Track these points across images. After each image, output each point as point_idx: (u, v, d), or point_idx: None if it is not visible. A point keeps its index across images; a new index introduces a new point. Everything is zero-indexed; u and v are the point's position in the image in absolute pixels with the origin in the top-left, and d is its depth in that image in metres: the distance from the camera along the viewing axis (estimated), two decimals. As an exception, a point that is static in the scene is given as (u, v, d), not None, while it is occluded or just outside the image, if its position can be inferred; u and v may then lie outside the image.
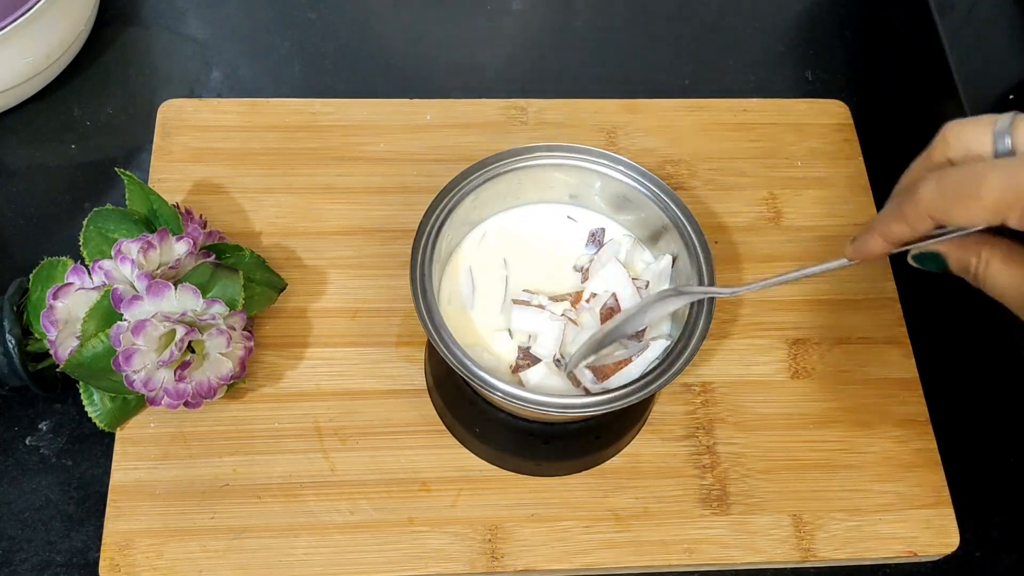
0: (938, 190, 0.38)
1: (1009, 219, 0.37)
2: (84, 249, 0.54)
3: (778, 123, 0.68)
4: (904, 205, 0.40)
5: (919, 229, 0.40)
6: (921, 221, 0.39)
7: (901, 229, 0.41)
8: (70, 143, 0.66)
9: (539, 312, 0.51)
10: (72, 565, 0.53)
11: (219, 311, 0.51)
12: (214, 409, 0.56)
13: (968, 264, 0.41)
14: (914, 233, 0.40)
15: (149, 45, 0.71)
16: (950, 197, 0.38)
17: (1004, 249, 0.40)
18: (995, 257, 0.40)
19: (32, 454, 0.56)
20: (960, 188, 0.38)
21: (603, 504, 0.55)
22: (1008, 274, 0.40)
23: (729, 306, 0.61)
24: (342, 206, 0.62)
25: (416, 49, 0.72)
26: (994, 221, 0.37)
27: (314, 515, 0.53)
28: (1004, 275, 0.40)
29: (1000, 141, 0.40)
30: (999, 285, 0.40)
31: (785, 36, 0.75)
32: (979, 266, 0.40)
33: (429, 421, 0.56)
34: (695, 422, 0.57)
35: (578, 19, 0.75)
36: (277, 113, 0.65)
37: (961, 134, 0.41)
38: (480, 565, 0.53)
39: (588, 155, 0.53)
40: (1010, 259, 0.39)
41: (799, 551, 0.54)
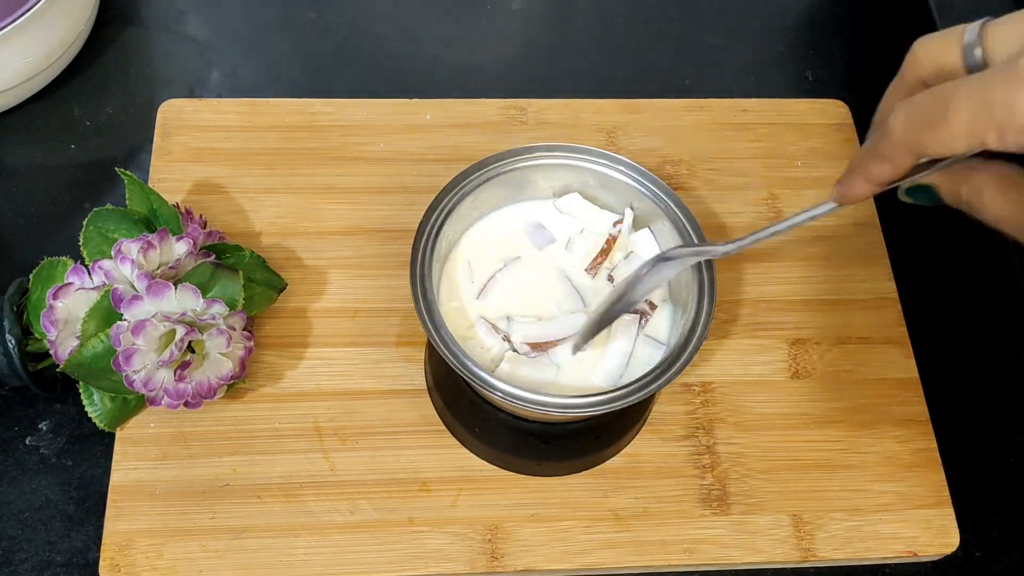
0: (907, 121, 0.35)
1: (987, 141, 0.33)
2: (84, 249, 0.54)
3: (778, 123, 0.68)
4: (879, 142, 0.36)
5: (900, 166, 0.37)
6: (899, 157, 0.36)
7: (881, 168, 0.37)
8: (70, 143, 0.66)
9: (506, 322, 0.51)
10: (72, 565, 0.53)
11: (219, 311, 0.51)
12: (214, 409, 0.56)
13: (959, 194, 0.37)
14: (896, 171, 0.37)
15: (149, 45, 0.71)
16: (920, 127, 0.34)
17: (996, 173, 0.36)
18: (987, 184, 0.36)
19: (32, 454, 0.56)
20: (928, 115, 0.34)
21: (603, 504, 0.55)
22: (1003, 200, 0.36)
23: (729, 306, 0.61)
24: (342, 206, 0.62)
25: (416, 49, 0.72)
26: (972, 146, 0.33)
27: (314, 515, 0.53)
28: (999, 202, 0.36)
29: (970, 54, 0.36)
30: (995, 213, 0.36)
31: (785, 36, 0.75)
32: (971, 195, 0.37)
33: (429, 421, 0.56)
34: (695, 422, 0.57)
35: (578, 19, 0.75)
36: (277, 113, 0.65)
37: (931, 49, 0.38)
38: (480, 565, 0.53)
39: (588, 155, 0.53)
40: (1003, 183, 0.36)
41: (799, 551, 0.54)
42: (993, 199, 0.36)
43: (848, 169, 0.39)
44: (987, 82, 0.33)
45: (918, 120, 0.35)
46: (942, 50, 0.38)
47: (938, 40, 0.38)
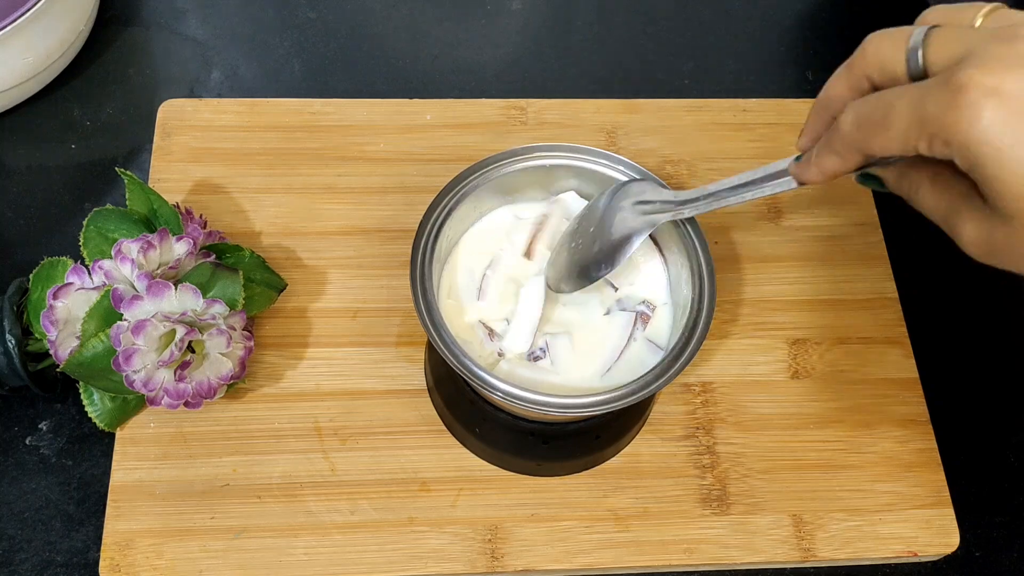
0: (855, 123, 0.38)
1: (919, 149, 0.35)
2: (84, 249, 0.54)
3: (778, 123, 0.68)
4: (832, 139, 0.39)
5: (850, 161, 0.39)
6: (849, 154, 0.39)
7: (833, 162, 0.40)
8: (70, 143, 0.66)
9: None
10: (72, 565, 0.53)
11: (219, 311, 0.51)
12: (214, 409, 0.56)
13: (901, 186, 0.40)
14: (847, 165, 0.39)
15: (149, 45, 0.71)
16: (866, 129, 0.37)
17: (931, 172, 0.39)
18: (923, 181, 0.39)
19: (32, 454, 0.56)
20: (872, 119, 0.37)
21: (603, 504, 0.55)
22: (936, 198, 0.39)
23: (729, 306, 0.61)
24: (342, 206, 0.62)
25: (416, 49, 0.72)
26: (907, 152, 0.36)
27: (314, 515, 0.53)
28: (931, 199, 0.39)
29: (913, 58, 0.38)
30: (927, 207, 0.39)
31: (785, 36, 0.75)
32: (910, 189, 0.40)
33: (429, 421, 0.56)
34: (695, 422, 0.57)
35: (578, 19, 0.75)
36: (277, 113, 0.65)
37: (879, 46, 0.40)
38: (480, 565, 0.53)
39: (588, 155, 0.53)
40: (937, 182, 0.39)
41: (799, 551, 0.54)
42: (926, 195, 0.39)
43: (805, 156, 0.42)
44: (923, 94, 0.35)
45: (864, 122, 0.37)
46: (888, 49, 0.39)
47: (887, 38, 0.40)
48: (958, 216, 0.38)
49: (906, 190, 0.40)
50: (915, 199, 0.40)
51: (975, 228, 0.37)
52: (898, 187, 0.41)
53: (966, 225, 0.38)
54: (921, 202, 0.40)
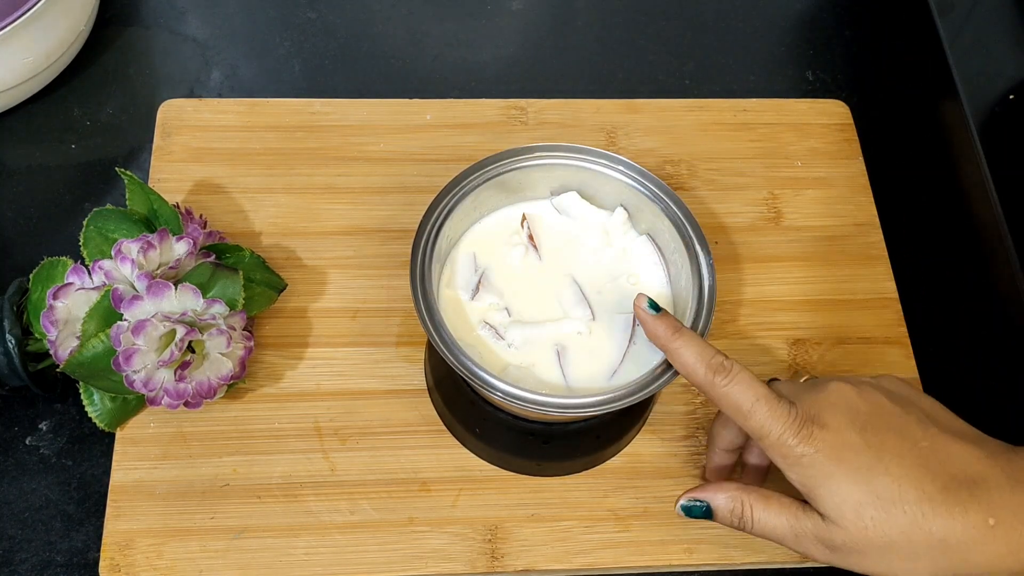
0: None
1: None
2: (84, 249, 0.54)
3: (778, 123, 0.68)
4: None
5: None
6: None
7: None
8: (70, 143, 0.66)
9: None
10: (72, 565, 0.53)
11: (219, 311, 0.51)
12: (214, 409, 0.56)
13: (734, 512, 0.47)
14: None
15: (149, 45, 0.71)
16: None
17: (761, 496, 0.47)
18: (757, 504, 0.47)
19: (32, 454, 0.56)
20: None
21: (603, 504, 0.55)
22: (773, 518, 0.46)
23: (729, 306, 0.61)
24: (342, 206, 0.62)
25: (416, 49, 0.72)
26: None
27: (314, 515, 0.53)
28: (769, 517, 0.46)
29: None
30: (766, 529, 0.47)
31: (785, 36, 0.75)
32: (744, 512, 0.47)
33: (429, 421, 0.56)
34: (695, 422, 0.57)
35: (578, 19, 0.75)
36: (277, 113, 0.65)
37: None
38: (480, 565, 0.53)
39: (588, 155, 0.53)
40: (770, 505, 0.47)
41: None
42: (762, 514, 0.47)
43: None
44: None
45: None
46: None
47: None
48: (801, 522, 0.45)
49: (739, 514, 0.47)
50: (757, 520, 0.47)
51: (814, 529, 0.45)
52: (730, 514, 0.48)
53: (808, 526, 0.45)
54: (763, 521, 0.46)
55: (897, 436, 0.45)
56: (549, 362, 0.51)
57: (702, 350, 0.46)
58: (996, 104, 0.67)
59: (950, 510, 0.43)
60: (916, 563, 0.43)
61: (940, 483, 0.43)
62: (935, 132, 0.71)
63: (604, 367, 0.51)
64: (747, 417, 0.45)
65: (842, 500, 0.44)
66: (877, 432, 0.45)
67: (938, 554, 0.43)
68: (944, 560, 0.43)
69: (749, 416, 0.45)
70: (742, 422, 0.46)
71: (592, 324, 0.52)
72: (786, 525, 0.46)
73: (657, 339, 0.47)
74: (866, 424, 0.45)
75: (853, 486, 0.43)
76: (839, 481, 0.44)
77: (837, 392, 0.46)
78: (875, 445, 0.44)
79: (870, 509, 0.43)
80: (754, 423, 0.45)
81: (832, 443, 0.44)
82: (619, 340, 0.51)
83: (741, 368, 0.46)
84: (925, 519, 0.43)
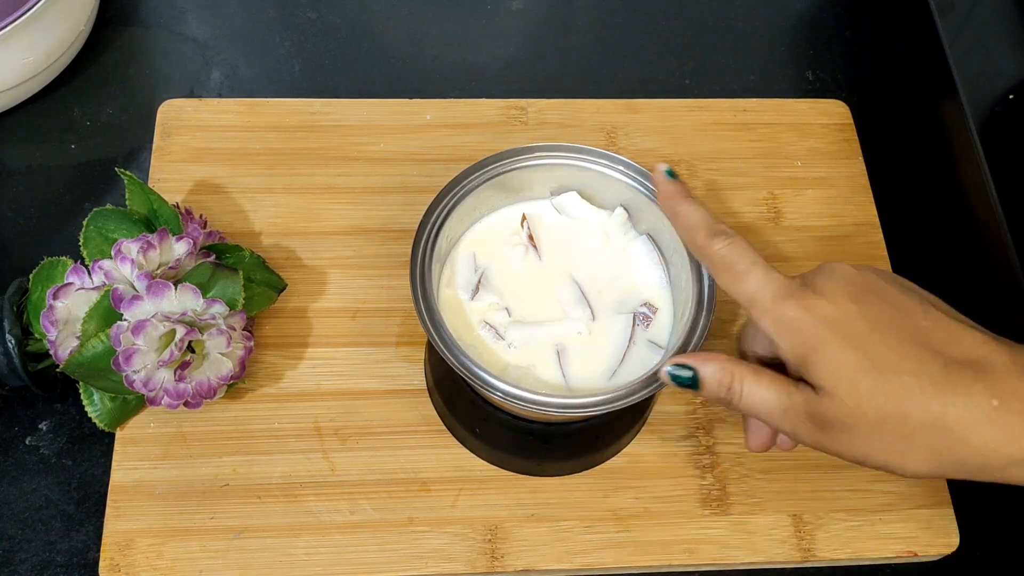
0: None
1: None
2: (84, 249, 0.54)
3: (778, 123, 0.68)
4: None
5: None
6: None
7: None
8: (70, 143, 0.66)
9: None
10: (72, 565, 0.53)
11: (219, 311, 0.51)
12: (214, 409, 0.56)
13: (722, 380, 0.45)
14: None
15: (149, 45, 0.71)
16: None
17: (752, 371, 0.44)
18: (746, 375, 0.44)
19: (32, 454, 0.56)
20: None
21: (603, 504, 0.55)
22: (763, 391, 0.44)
23: (729, 306, 0.61)
24: (342, 206, 0.62)
25: (416, 49, 0.72)
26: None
27: (314, 515, 0.53)
28: (757, 393, 0.44)
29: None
30: (754, 404, 0.44)
31: (785, 36, 0.75)
32: (734, 384, 0.44)
33: (429, 421, 0.56)
34: (695, 422, 0.57)
35: (578, 19, 0.75)
36: (277, 113, 0.65)
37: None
38: (480, 565, 0.53)
39: (588, 155, 0.53)
40: (761, 379, 0.44)
41: (799, 551, 0.54)
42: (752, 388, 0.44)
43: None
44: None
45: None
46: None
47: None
48: (791, 395, 0.43)
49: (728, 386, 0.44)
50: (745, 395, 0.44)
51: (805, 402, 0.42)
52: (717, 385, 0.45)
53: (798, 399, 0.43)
54: (751, 395, 0.44)
55: (897, 311, 0.42)
56: (549, 362, 0.51)
57: (706, 216, 0.45)
58: (996, 104, 0.67)
59: (953, 386, 0.40)
60: (910, 443, 0.40)
61: (941, 360, 0.40)
62: (935, 132, 0.71)
63: (604, 367, 0.51)
64: (739, 280, 0.43)
65: (838, 367, 0.41)
66: (875, 305, 0.42)
67: (935, 434, 0.40)
68: (941, 441, 0.40)
69: (743, 277, 0.43)
70: (734, 286, 0.44)
71: (592, 324, 0.52)
72: (775, 400, 0.43)
73: (666, 199, 0.47)
74: (864, 297, 0.42)
75: (850, 353, 0.41)
76: (834, 348, 0.41)
77: (833, 267, 0.44)
78: (872, 316, 0.41)
79: (866, 378, 0.40)
80: (747, 285, 0.43)
81: (828, 311, 0.42)
82: (619, 340, 0.51)
83: (742, 238, 0.45)
84: (924, 394, 0.40)
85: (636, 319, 0.52)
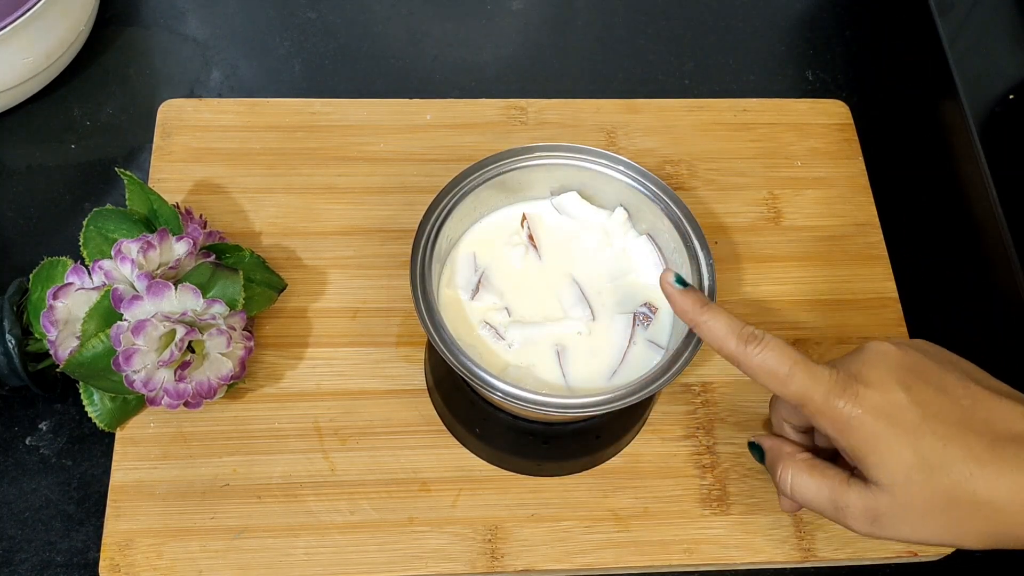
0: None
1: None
2: (84, 249, 0.54)
3: (778, 123, 0.68)
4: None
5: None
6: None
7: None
8: (70, 143, 0.66)
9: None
10: (72, 565, 0.53)
11: (219, 311, 0.51)
12: (214, 409, 0.56)
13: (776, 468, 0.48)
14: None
15: (149, 45, 0.71)
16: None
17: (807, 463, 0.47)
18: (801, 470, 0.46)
19: (32, 454, 0.56)
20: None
21: (603, 504, 0.55)
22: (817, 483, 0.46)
23: (729, 306, 0.61)
24: (342, 206, 0.62)
25: (416, 49, 0.72)
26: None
27: (314, 515, 0.53)
28: (812, 484, 0.46)
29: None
30: (811, 494, 0.46)
31: (785, 36, 0.75)
32: (782, 473, 0.47)
33: (429, 421, 0.56)
34: (695, 422, 0.57)
35: (578, 19, 0.75)
36: (277, 113, 0.65)
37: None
38: (480, 565, 0.53)
39: (588, 155, 0.53)
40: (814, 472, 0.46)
41: (799, 551, 0.54)
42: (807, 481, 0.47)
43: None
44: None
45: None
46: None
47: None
48: (845, 494, 0.44)
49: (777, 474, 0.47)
50: (796, 486, 0.46)
51: (859, 499, 0.44)
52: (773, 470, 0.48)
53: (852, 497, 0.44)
54: (803, 488, 0.46)
55: (939, 393, 0.43)
56: (549, 362, 0.51)
57: (731, 321, 0.45)
58: (996, 104, 0.67)
59: (998, 468, 0.41)
60: (961, 526, 0.42)
61: (985, 441, 0.42)
62: (935, 132, 0.71)
63: (604, 367, 0.51)
64: (786, 384, 0.44)
65: (894, 464, 0.42)
66: (920, 390, 0.43)
67: (984, 516, 0.42)
68: (990, 523, 0.42)
69: (788, 382, 0.44)
70: (781, 390, 0.44)
71: (592, 324, 0.52)
72: (827, 495, 0.45)
73: (685, 314, 0.46)
74: (909, 381, 0.43)
75: (905, 450, 0.42)
76: (890, 443, 0.42)
77: (876, 350, 0.45)
78: (920, 403, 0.43)
79: (918, 474, 0.42)
80: (794, 388, 0.44)
81: (878, 402, 0.43)
82: (619, 340, 0.51)
83: (773, 336, 0.45)
84: (972, 479, 0.41)
85: (636, 319, 0.52)
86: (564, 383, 0.50)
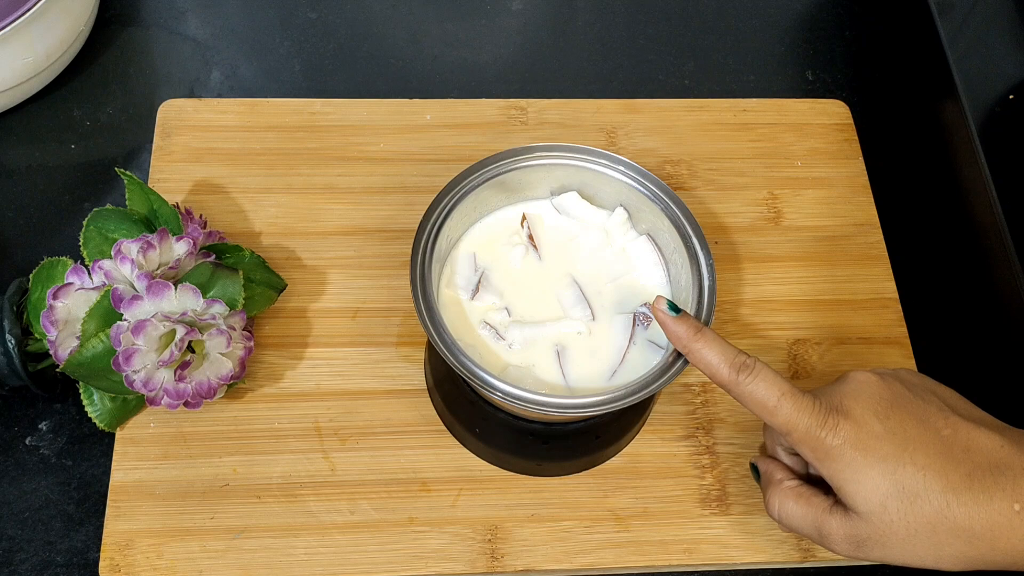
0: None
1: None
2: (84, 249, 0.54)
3: (778, 123, 0.68)
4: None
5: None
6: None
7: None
8: (70, 143, 0.66)
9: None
10: (72, 565, 0.53)
11: (219, 311, 0.51)
12: (214, 409, 0.56)
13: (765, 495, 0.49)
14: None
15: (149, 45, 0.71)
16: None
17: (795, 492, 0.48)
18: (788, 497, 0.48)
19: (32, 454, 0.56)
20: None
21: (603, 504, 0.55)
22: (803, 509, 0.47)
23: (729, 306, 0.61)
24: (342, 206, 0.62)
25: (416, 49, 0.72)
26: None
27: (314, 515, 0.53)
28: (799, 510, 0.47)
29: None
30: (791, 520, 0.48)
31: (785, 36, 0.75)
32: (771, 499, 0.48)
33: (429, 421, 0.56)
34: (695, 422, 0.57)
35: (578, 19, 0.75)
36: (277, 113, 0.65)
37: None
38: (480, 565, 0.53)
39: (588, 155, 0.53)
40: (800, 499, 0.48)
41: (799, 551, 0.54)
42: (794, 507, 0.48)
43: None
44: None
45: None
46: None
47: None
48: (827, 522, 0.46)
49: (767, 501, 0.49)
50: (782, 512, 0.48)
51: (840, 527, 0.45)
52: (764, 495, 0.50)
53: (834, 525, 0.46)
54: (789, 514, 0.48)
55: (919, 424, 0.45)
56: (549, 362, 0.51)
57: (724, 349, 0.46)
58: (996, 104, 0.67)
59: (975, 498, 0.43)
60: (940, 550, 0.44)
61: (964, 471, 0.43)
62: (935, 132, 0.71)
63: (604, 367, 0.51)
64: (773, 414, 0.45)
65: (870, 493, 0.44)
66: (900, 420, 0.45)
67: (963, 543, 0.43)
68: (970, 549, 0.43)
69: (775, 412, 0.45)
70: (769, 419, 0.46)
71: (592, 324, 0.52)
72: (811, 520, 0.46)
73: (678, 340, 0.47)
74: (888, 412, 0.45)
75: (880, 478, 0.44)
76: (865, 473, 0.44)
77: (857, 381, 0.47)
78: (898, 433, 0.44)
79: (895, 501, 0.44)
80: (781, 418, 0.45)
81: (857, 433, 0.44)
82: (619, 340, 0.51)
83: (764, 365, 0.46)
84: (950, 508, 0.43)
85: (636, 319, 0.52)
86: (564, 383, 0.50)
